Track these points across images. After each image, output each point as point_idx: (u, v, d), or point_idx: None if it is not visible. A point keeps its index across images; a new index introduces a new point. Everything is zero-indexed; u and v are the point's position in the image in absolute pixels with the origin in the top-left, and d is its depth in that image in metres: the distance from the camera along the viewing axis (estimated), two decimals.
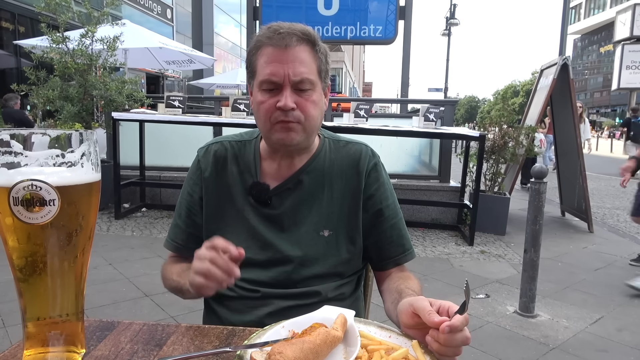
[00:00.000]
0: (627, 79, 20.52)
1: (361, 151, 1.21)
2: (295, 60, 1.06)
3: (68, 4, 5.56)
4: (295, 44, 1.06)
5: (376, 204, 1.19)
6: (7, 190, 0.65)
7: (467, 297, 0.77)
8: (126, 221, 5.37)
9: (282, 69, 1.05)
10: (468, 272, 4.06)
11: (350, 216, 1.17)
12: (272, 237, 1.15)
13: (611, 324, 3.14)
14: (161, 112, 5.41)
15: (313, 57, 1.09)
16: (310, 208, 1.16)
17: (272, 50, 1.06)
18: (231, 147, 1.22)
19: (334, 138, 1.25)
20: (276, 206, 1.16)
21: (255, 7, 7.23)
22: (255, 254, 1.14)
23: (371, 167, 1.20)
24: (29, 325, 0.73)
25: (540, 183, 3.18)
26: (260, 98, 1.08)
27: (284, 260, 1.14)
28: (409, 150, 6.29)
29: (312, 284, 1.13)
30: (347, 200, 1.17)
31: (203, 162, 1.21)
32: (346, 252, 1.17)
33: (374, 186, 1.19)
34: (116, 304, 3.17)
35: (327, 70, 1.14)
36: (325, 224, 1.15)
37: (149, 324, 0.94)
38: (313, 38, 1.09)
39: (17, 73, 11.40)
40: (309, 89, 1.08)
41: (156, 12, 19.31)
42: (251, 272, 1.13)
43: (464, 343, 0.77)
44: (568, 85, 5.72)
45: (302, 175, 1.17)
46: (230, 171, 1.19)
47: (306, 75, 1.06)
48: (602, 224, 6.41)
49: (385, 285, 1.18)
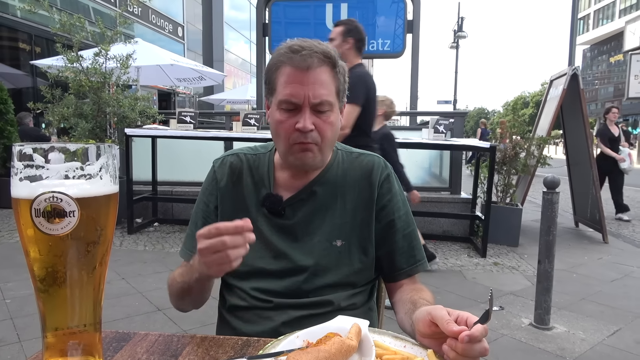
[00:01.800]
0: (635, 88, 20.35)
1: (374, 162, 1.22)
2: (316, 82, 1.07)
3: (82, 24, 5.70)
4: (316, 66, 1.07)
5: (389, 214, 1.19)
6: (30, 202, 0.67)
7: (490, 307, 0.77)
8: (139, 236, 5.41)
9: (302, 90, 1.06)
10: (481, 284, 4.02)
11: (363, 226, 1.18)
12: (285, 247, 1.16)
13: (629, 336, 3.08)
14: (173, 127, 5.49)
15: (333, 78, 1.10)
16: (324, 218, 1.17)
17: (293, 71, 1.07)
18: (246, 160, 1.23)
19: (347, 150, 1.27)
20: (290, 217, 1.17)
21: (265, 24, 7.34)
22: (268, 264, 1.15)
23: (384, 178, 1.21)
24: (48, 336, 0.74)
25: (553, 193, 3.15)
26: (279, 117, 1.10)
27: (297, 270, 1.14)
28: (419, 162, 6.29)
29: (325, 293, 1.13)
30: (359, 210, 1.18)
31: (219, 173, 1.23)
32: (359, 262, 1.17)
33: (386, 197, 1.20)
34: (129, 318, 3.18)
35: (344, 89, 1.16)
36: (338, 234, 1.16)
37: (165, 335, 0.95)
38: (334, 60, 1.10)
39: (33, 92, 11.65)
40: (328, 110, 1.09)
41: (167, 30, 19.68)
42: (264, 282, 1.14)
43: (482, 354, 0.76)
44: (578, 95, 5.69)
45: (315, 187, 1.18)
46: (245, 183, 1.20)
47: (325, 97, 1.08)
48: (616, 234, 6.31)
49: (397, 297, 1.18)
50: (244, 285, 1.16)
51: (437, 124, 5.03)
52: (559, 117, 6.10)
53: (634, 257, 5.11)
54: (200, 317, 3.17)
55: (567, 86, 5.58)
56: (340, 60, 1.13)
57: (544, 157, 5.75)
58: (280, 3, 7.35)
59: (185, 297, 1.14)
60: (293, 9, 7.42)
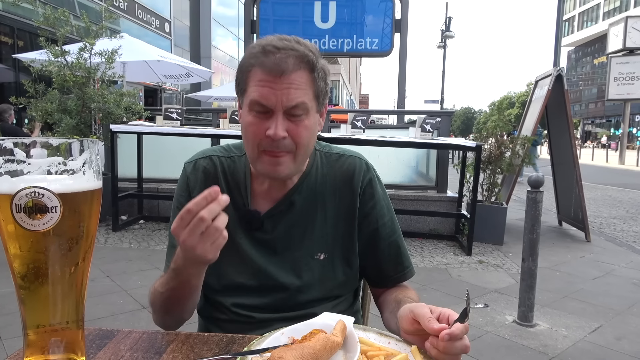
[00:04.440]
0: (615, 90, 20.78)
1: (355, 166, 1.15)
2: (290, 86, 0.97)
3: (67, 18, 5.61)
4: (291, 70, 0.96)
5: (372, 223, 1.14)
6: (10, 197, 0.66)
7: (467, 306, 0.77)
8: (124, 233, 5.35)
9: (275, 95, 0.96)
10: (466, 282, 4.06)
11: (345, 237, 1.13)
12: (265, 263, 1.10)
13: (610, 333, 3.14)
14: (159, 124, 5.43)
15: (310, 83, 1.00)
16: (304, 231, 1.11)
17: (265, 76, 0.97)
18: (220, 163, 1.15)
19: (326, 150, 1.18)
20: (268, 230, 1.11)
21: (253, 21, 7.31)
22: (248, 279, 1.10)
23: (366, 183, 1.14)
24: (29, 333, 0.73)
25: (537, 192, 3.20)
26: (249, 119, 1.01)
27: (279, 287, 1.10)
28: (406, 161, 6.32)
29: (309, 307, 1.10)
30: (341, 220, 1.13)
31: (192, 180, 1.14)
32: (342, 274, 1.13)
33: (369, 204, 1.14)
34: (114, 316, 3.15)
35: (325, 92, 1.05)
36: (319, 247, 1.11)
37: (149, 332, 0.94)
38: (312, 62, 0.99)
39: (15, 86, 11.44)
40: (302, 114, 1.00)
41: (154, 25, 19.46)
42: (245, 298, 1.10)
43: (463, 351, 0.77)
44: (563, 96, 5.77)
45: (294, 196, 1.11)
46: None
47: (301, 100, 0.98)
48: (599, 233, 6.42)
49: (382, 298, 1.16)
50: (225, 301, 1.11)
51: (424, 122, 5.07)
52: (544, 117, 6.18)
53: (616, 255, 5.21)
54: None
55: (551, 87, 5.66)
56: (321, 61, 1.02)
57: (529, 157, 5.83)
58: (269, 0, 7.33)
59: (174, 307, 1.03)
60: (281, 6, 7.41)
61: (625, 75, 20.60)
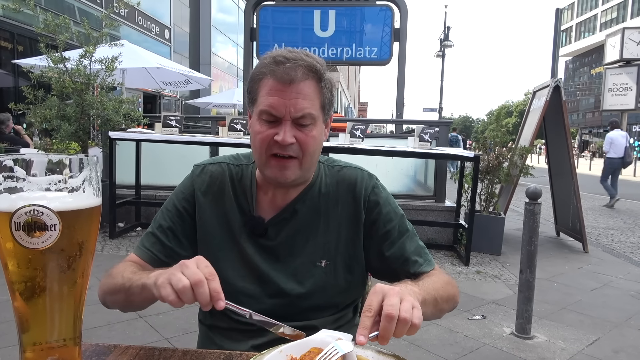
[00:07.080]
0: (609, 101, 20.91)
1: (357, 176, 1.18)
2: (299, 96, 1.02)
3: (67, 24, 5.61)
4: (300, 79, 1.02)
5: (380, 228, 1.15)
6: (9, 215, 0.66)
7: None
8: (121, 241, 5.33)
9: (284, 104, 1.02)
10: (464, 293, 4.05)
11: (348, 245, 1.15)
12: (268, 268, 1.12)
13: (608, 346, 3.13)
14: (158, 131, 5.43)
15: (317, 93, 1.05)
16: (307, 238, 1.14)
17: (275, 84, 1.02)
18: (229, 170, 1.19)
19: (329, 163, 1.23)
20: (272, 237, 1.14)
21: (252, 28, 7.34)
22: (250, 284, 1.12)
23: (369, 192, 1.17)
24: (26, 351, 0.73)
25: (535, 204, 3.20)
26: (258, 128, 1.05)
27: (280, 293, 1.11)
28: (404, 170, 6.33)
29: (310, 316, 1.11)
30: (344, 228, 1.15)
31: (198, 181, 1.18)
32: (344, 282, 1.15)
33: (375, 211, 1.16)
34: (110, 325, 3.13)
35: (331, 102, 1.11)
36: (322, 255, 1.13)
37: (146, 349, 0.93)
38: (320, 73, 1.05)
39: (14, 92, 11.43)
40: (310, 124, 1.05)
41: (154, 32, 19.52)
42: (246, 304, 1.09)
43: (402, 331, 0.79)
44: (560, 107, 5.80)
45: (297, 205, 1.15)
46: (227, 196, 1.16)
47: (308, 111, 1.03)
48: (596, 244, 6.43)
49: None
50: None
51: (422, 132, 5.07)
52: (542, 127, 6.20)
53: (613, 266, 5.21)
54: (182, 325, 3.14)
55: (549, 98, 5.69)
56: (327, 74, 1.08)
57: (527, 167, 5.84)
58: (269, 8, 7.37)
59: (122, 297, 1.04)
60: (281, 14, 7.44)
61: (619, 85, 20.73)
